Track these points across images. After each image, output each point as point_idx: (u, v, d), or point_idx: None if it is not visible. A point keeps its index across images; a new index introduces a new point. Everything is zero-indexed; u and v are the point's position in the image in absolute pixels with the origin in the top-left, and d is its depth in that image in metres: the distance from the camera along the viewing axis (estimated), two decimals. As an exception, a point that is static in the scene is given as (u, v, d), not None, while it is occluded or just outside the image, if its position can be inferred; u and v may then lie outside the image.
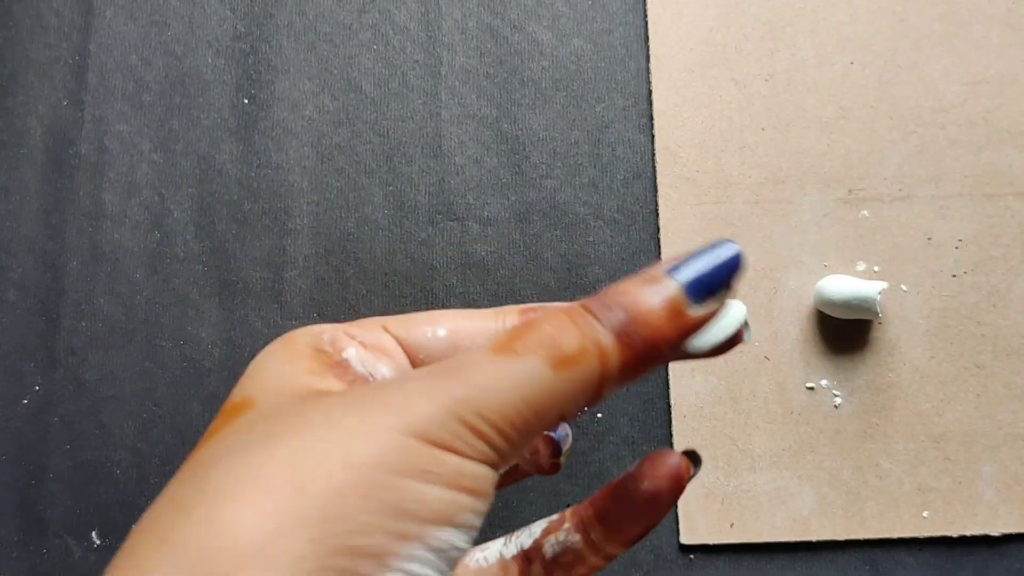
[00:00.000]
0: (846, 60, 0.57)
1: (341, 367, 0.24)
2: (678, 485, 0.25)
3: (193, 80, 0.59)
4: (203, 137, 0.58)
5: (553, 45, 0.59)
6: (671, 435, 0.53)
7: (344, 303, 0.55)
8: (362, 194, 0.57)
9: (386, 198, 0.57)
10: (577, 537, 0.27)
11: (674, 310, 0.22)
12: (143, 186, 0.57)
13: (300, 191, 0.57)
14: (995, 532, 0.51)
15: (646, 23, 0.58)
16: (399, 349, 0.26)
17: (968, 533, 0.51)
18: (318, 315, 0.55)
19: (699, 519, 0.51)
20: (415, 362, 0.26)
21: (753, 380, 0.53)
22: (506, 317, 0.27)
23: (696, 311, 0.23)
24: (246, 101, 0.59)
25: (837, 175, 0.55)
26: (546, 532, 0.27)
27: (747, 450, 0.52)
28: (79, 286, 0.56)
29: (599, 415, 0.53)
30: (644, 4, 0.59)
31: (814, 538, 0.51)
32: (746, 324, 0.25)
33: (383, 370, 0.25)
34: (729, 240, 0.24)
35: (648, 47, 0.58)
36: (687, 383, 0.53)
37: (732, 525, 0.51)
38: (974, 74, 0.56)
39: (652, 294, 0.22)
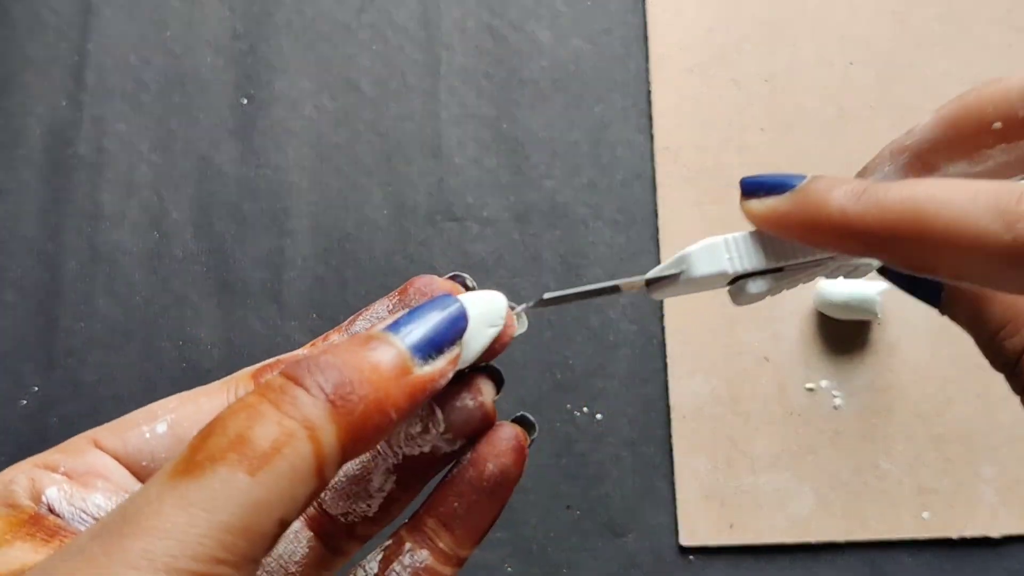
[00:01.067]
0: (846, 60, 0.57)
1: (35, 523, 0.21)
2: (522, 456, 0.24)
3: (192, 80, 0.59)
4: (202, 137, 0.58)
5: (552, 45, 0.59)
6: (670, 436, 0.53)
7: (343, 303, 0.55)
8: (361, 194, 0.57)
9: (385, 198, 0.57)
10: (425, 553, 0.24)
11: (399, 369, 0.20)
12: (142, 186, 0.57)
13: (299, 191, 0.57)
14: (995, 533, 0.51)
15: (646, 23, 0.58)
16: (116, 466, 0.23)
17: (968, 534, 0.51)
18: (317, 315, 0.55)
19: (699, 520, 0.51)
20: (137, 472, 0.23)
21: (753, 381, 0.53)
22: (237, 387, 0.24)
23: (424, 370, 0.20)
24: (245, 101, 0.58)
25: (837, 174, 0.55)
26: (386, 562, 0.24)
27: (747, 451, 0.52)
28: (78, 287, 0.56)
29: (598, 416, 0.53)
30: (644, 4, 0.59)
31: (814, 539, 0.51)
32: (516, 314, 0.24)
33: (97, 500, 0.22)
34: (448, 296, 0.22)
35: (648, 47, 0.58)
36: (687, 384, 0.53)
37: (732, 526, 0.51)
38: (974, 74, 0.56)
39: (371, 351, 0.20)
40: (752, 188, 0.23)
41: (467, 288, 0.25)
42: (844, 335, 0.53)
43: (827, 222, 0.20)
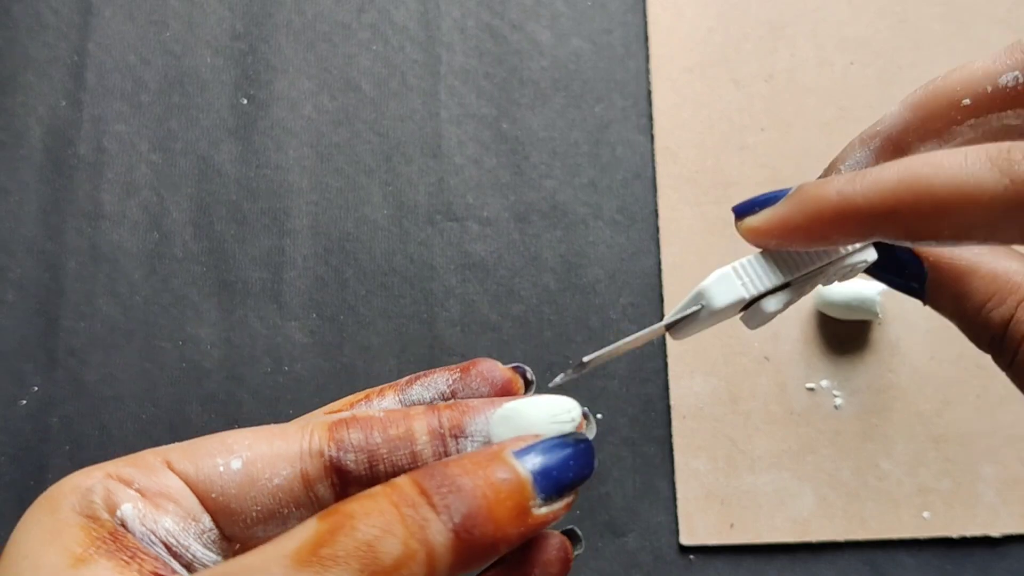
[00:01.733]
0: (846, 60, 0.57)
1: (116, 539, 0.21)
2: (567, 568, 0.23)
3: (192, 80, 0.59)
4: (202, 137, 0.58)
5: (552, 45, 0.59)
6: (671, 436, 0.53)
7: (343, 303, 0.55)
8: (361, 194, 0.57)
9: (385, 198, 0.57)
10: None
11: (520, 508, 0.20)
12: (142, 186, 0.57)
13: (299, 191, 0.57)
14: (995, 533, 0.51)
15: (646, 23, 0.58)
16: (186, 490, 0.23)
17: (968, 534, 0.51)
18: (317, 315, 0.55)
19: (699, 520, 0.51)
20: (206, 503, 0.23)
21: (753, 381, 0.53)
22: (313, 435, 0.24)
23: (541, 511, 0.20)
24: (245, 101, 0.58)
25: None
26: None
27: (747, 451, 0.52)
28: (78, 286, 0.56)
29: (598, 416, 0.53)
30: (644, 4, 0.59)
31: (814, 539, 0.51)
32: (587, 421, 0.24)
33: (167, 524, 0.22)
34: (582, 434, 0.23)
35: (648, 47, 0.58)
36: (687, 384, 0.53)
37: (732, 526, 0.51)
38: (974, 74, 0.56)
39: (501, 481, 0.20)
40: (745, 209, 0.24)
41: (526, 380, 0.26)
42: (845, 335, 0.53)
43: (829, 211, 0.21)
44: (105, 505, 0.22)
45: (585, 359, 0.25)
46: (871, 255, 0.25)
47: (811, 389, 0.53)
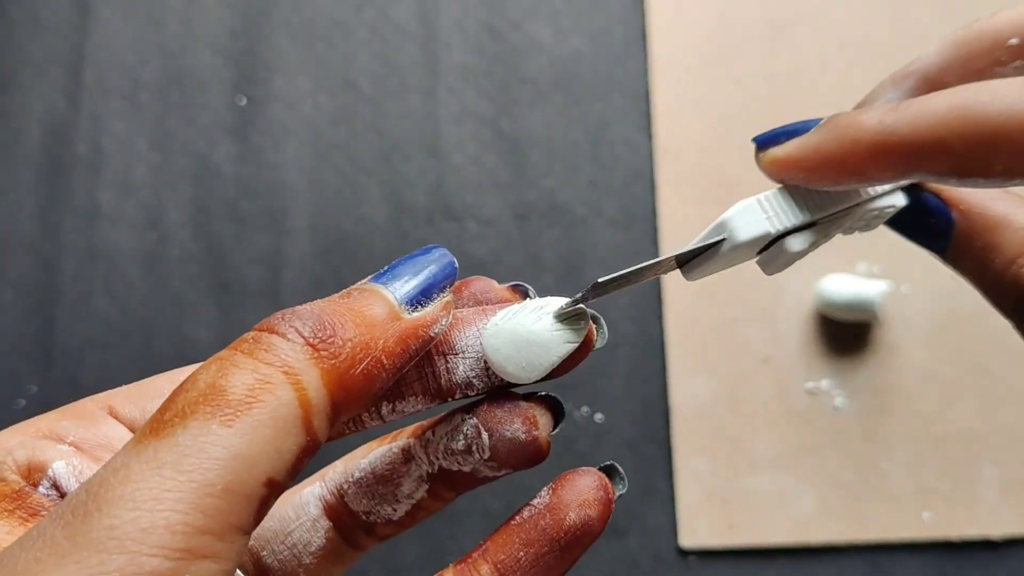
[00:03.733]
0: (846, 60, 0.57)
1: (17, 499, 0.19)
2: (608, 510, 0.21)
3: (190, 79, 0.59)
4: (200, 136, 0.58)
5: (552, 44, 0.58)
6: (671, 436, 0.52)
7: (342, 303, 0.55)
8: (360, 193, 0.57)
9: (384, 197, 0.57)
10: None
11: (386, 313, 0.18)
12: (139, 185, 0.57)
13: (297, 190, 0.57)
14: (996, 534, 0.50)
15: (646, 23, 0.58)
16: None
17: (969, 535, 0.51)
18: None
19: (699, 521, 0.51)
20: None
21: (754, 382, 0.53)
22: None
23: (414, 315, 0.19)
24: (243, 100, 0.58)
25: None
26: None
27: (747, 452, 0.52)
28: (75, 286, 0.56)
29: (599, 416, 0.53)
30: (644, 4, 0.58)
31: (814, 540, 0.51)
32: (597, 326, 0.22)
33: None
34: (436, 245, 0.21)
35: (648, 46, 0.58)
36: (687, 385, 0.53)
37: (732, 527, 0.51)
38: (975, 74, 0.56)
39: (352, 300, 0.18)
40: (768, 139, 0.21)
41: (527, 296, 0.23)
42: (845, 336, 0.53)
43: (867, 142, 0.19)
44: (19, 466, 0.20)
45: (600, 280, 0.22)
46: (900, 200, 0.23)
47: (811, 390, 0.53)
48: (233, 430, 0.16)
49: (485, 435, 0.21)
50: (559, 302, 0.21)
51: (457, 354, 0.21)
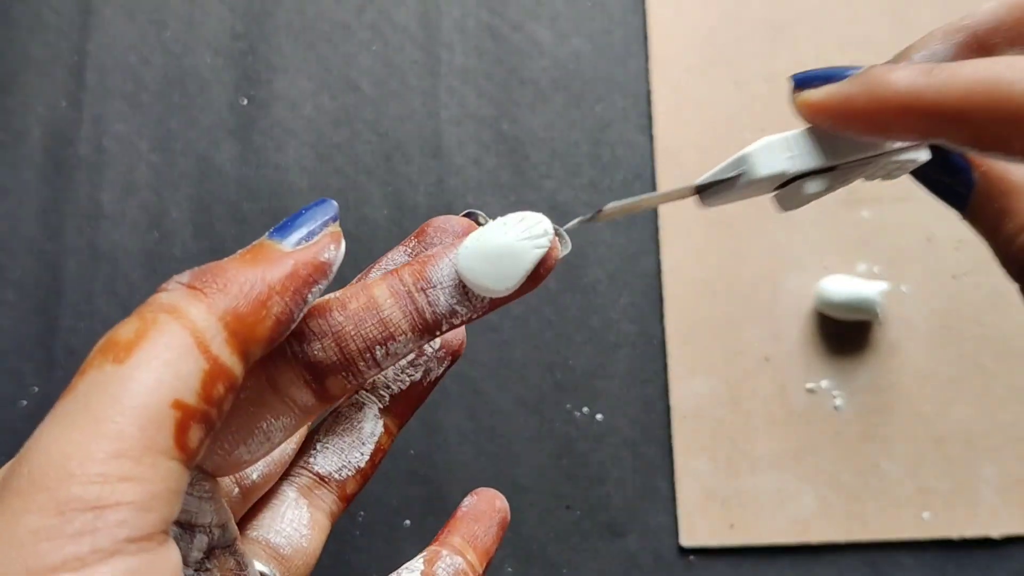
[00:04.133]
0: (846, 60, 0.57)
1: None
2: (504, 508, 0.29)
3: (192, 79, 0.59)
4: (202, 137, 0.58)
5: (552, 45, 0.58)
6: (671, 436, 0.53)
7: (343, 304, 0.55)
8: (361, 194, 0.57)
9: (385, 198, 0.57)
10: (460, 560, 0.27)
11: (267, 251, 0.20)
12: (141, 186, 0.57)
13: (299, 191, 0.57)
14: (996, 534, 0.51)
15: (646, 23, 0.58)
16: None
17: (969, 535, 0.51)
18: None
19: (699, 521, 0.51)
20: None
21: (753, 381, 0.53)
22: None
23: (299, 248, 0.20)
24: (245, 101, 0.58)
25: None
26: (429, 563, 0.27)
27: (747, 451, 0.52)
28: (78, 286, 0.56)
29: (599, 416, 0.53)
30: (644, 4, 0.59)
31: (814, 540, 0.51)
32: (559, 235, 0.23)
33: None
34: (323, 198, 0.22)
35: (648, 47, 0.58)
36: (687, 385, 0.53)
37: (732, 527, 0.51)
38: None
39: (238, 252, 0.20)
40: (805, 80, 0.22)
41: (479, 224, 0.24)
42: (845, 335, 0.53)
43: (896, 102, 0.20)
44: None
45: (605, 208, 0.23)
46: (923, 155, 0.23)
47: (811, 390, 0.53)
48: (126, 365, 0.17)
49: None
50: (518, 215, 0.22)
51: (435, 287, 0.22)
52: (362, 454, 0.26)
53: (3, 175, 0.58)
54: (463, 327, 0.25)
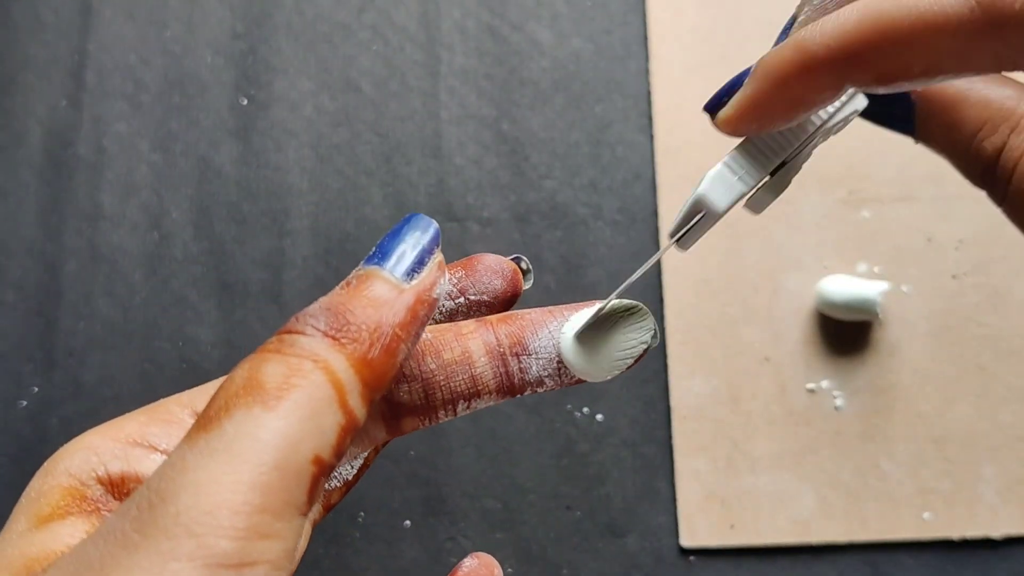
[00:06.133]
0: (847, 60, 0.57)
1: (98, 505, 0.20)
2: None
3: (192, 80, 0.59)
4: (202, 138, 0.58)
5: (553, 45, 0.58)
6: (671, 436, 0.53)
7: (343, 304, 0.55)
8: (361, 195, 0.57)
9: (385, 199, 0.57)
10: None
11: (389, 290, 0.20)
12: (141, 187, 0.57)
13: (299, 192, 0.57)
14: (996, 534, 0.51)
15: (646, 23, 0.58)
16: None
17: (969, 535, 0.51)
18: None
19: (699, 521, 0.51)
20: None
21: (754, 381, 0.53)
22: None
23: (413, 283, 0.20)
24: (245, 101, 0.58)
25: (838, 176, 0.55)
26: None
27: (747, 452, 0.52)
28: (77, 287, 0.56)
29: (599, 417, 0.53)
30: (644, 4, 0.59)
31: (815, 540, 0.51)
32: (653, 333, 0.24)
33: None
34: (416, 213, 0.22)
35: (648, 47, 0.58)
36: (687, 385, 0.53)
37: (732, 527, 0.51)
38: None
39: (355, 288, 0.20)
40: (715, 102, 0.23)
41: (522, 270, 0.25)
42: (845, 335, 0.53)
43: (795, 71, 0.20)
44: (123, 475, 0.21)
45: (611, 298, 0.23)
46: (860, 102, 0.23)
47: (811, 390, 0.53)
48: (275, 413, 0.17)
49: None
50: (631, 308, 0.23)
51: (530, 355, 0.22)
52: (352, 466, 0.25)
53: (3, 176, 0.58)
54: None
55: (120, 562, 0.15)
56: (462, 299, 0.24)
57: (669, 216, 0.55)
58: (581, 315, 0.23)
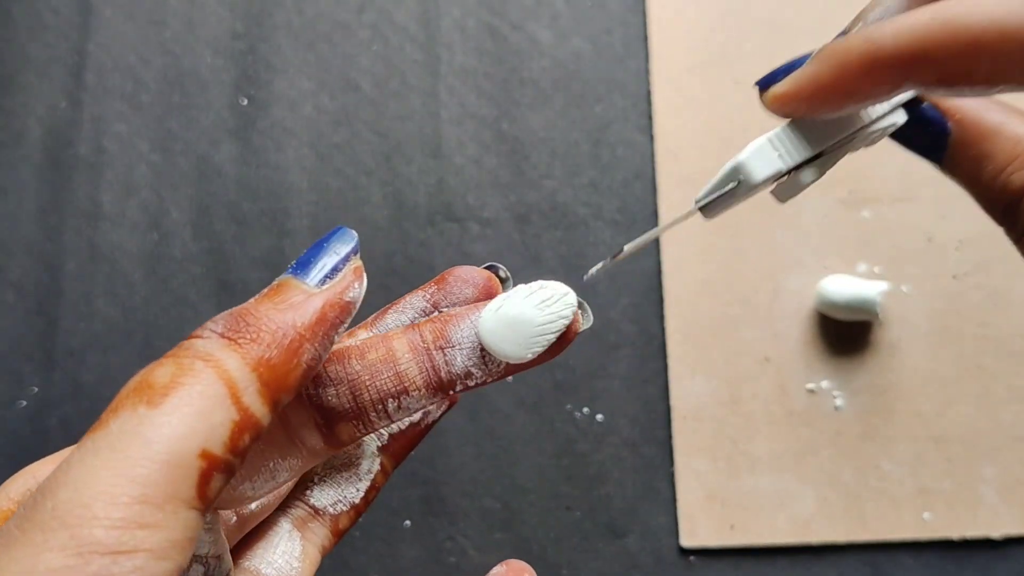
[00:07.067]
0: (847, 60, 0.57)
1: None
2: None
3: (191, 80, 0.59)
4: (201, 137, 0.58)
5: (553, 45, 0.58)
6: (671, 437, 0.53)
7: (343, 304, 0.55)
8: (361, 194, 0.57)
9: (385, 198, 0.57)
10: None
11: (295, 293, 0.20)
12: (141, 186, 0.57)
13: (299, 191, 0.57)
14: (996, 534, 0.51)
15: (646, 23, 0.58)
16: None
17: (969, 535, 0.51)
18: (317, 316, 0.55)
19: (699, 521, 0.51)
20: None
21: (754, 382, 0.53)
22: None
23: (324, 288, 0.21)
24: (244, 101, 0.58)
25: (838, 176, 0.55)
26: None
27: (748, 452, 0.52)
28: (77, 287, 0.56)
29: (599, 417, 0.53)
30: (644, 4, 0.59)
31: (815, 540, 0.51)
32: (581, 308, 0.23)
33: None
34: (341, 227, 0.23)
35: (648, 47, 0.58)
36: (688, 385, 0.53)
37: (732, 527, 0.51)
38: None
39: (264, 294, 0.20)
40: (769, 80, 0.23)
41: (500, 278, 0.25)
42: (845, 336, 0.53)
43: (857, 61, 0.20)
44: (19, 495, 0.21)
45: (626, 248, 0.24)
46: (901, 117, 0.24)
47: (811, 390, 0.53)
48: (159, 410, 0.17)
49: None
50: (546, 285, 0.23)
51: (454, 346, 0.22)
52: (358, 490, 0.26)
53: (3, 175, 0.58)
54: None
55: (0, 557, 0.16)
56: (435, 313, 0.24)
57: (669, 216, 0.55)
58: (498, 299, 0.23)
